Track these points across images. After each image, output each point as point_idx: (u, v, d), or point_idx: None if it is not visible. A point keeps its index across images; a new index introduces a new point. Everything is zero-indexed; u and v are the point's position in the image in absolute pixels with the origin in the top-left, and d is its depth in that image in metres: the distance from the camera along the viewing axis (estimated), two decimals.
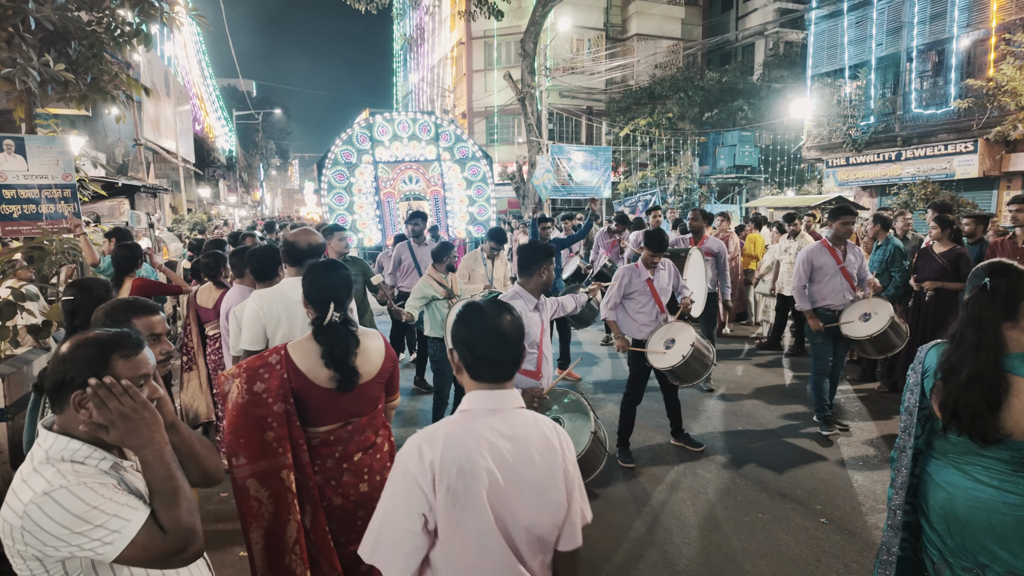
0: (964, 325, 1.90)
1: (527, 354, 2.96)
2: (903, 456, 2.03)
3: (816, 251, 5.02)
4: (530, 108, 20.49)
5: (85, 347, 1.39)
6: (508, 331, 1.46)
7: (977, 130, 13.11)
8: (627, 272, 4.60)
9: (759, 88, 23.56)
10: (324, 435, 2.09)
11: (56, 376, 1.37)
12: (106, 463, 1.39)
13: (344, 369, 2.04)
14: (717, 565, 3.30)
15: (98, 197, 7.93)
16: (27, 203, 5.78)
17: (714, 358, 4.42)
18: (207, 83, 29.42)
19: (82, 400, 1.36)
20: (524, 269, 3.15)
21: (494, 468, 1.36)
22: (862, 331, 4.80)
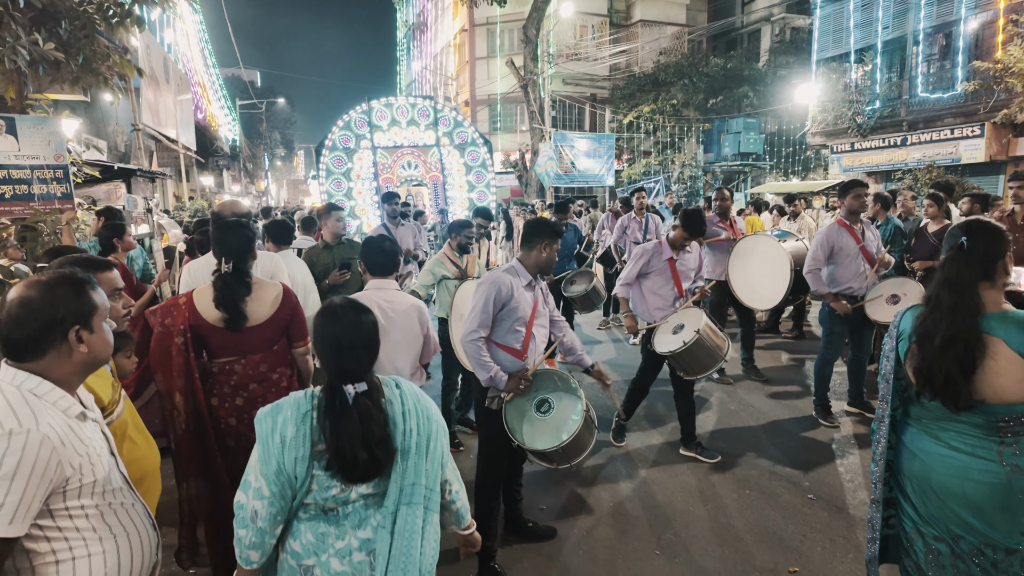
0: (940, 287, 1.83)
1: (513, 330, 2.88)
2: (881, 426, 1.96)
3: (834, 231, 4.63)
4: (533, 95, 20.36)
5: (63, 286, 1.40)
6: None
7: (984, 114, 12.91)
8: (647, 251, 4.27)
9: (764, 74, 23.30)
10: (221, 365, 2.51)
11: (39, 322, 1.36)
12: (75, 409, 1.41)
13: (230, 311, 2.41)
14: (701, 539, 3.27)
15: (94, 180, 7.92)
16: (19, 183, 5.77)
17: (727, 353, 3.98)
18: (210, 72, 29.36)
19: (80, 332, 1.40)
20: (525, 242, 3.00)
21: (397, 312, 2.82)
22: (891, 314, 4.35)
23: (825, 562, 3.05)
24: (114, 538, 1.41)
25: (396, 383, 1.72)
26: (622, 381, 5.92)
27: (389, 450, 1.60)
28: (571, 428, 2.78)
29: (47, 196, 5.98)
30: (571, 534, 3.36)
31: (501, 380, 2.83)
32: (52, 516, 1.32)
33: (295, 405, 1.60)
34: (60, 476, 1.31)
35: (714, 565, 3.05)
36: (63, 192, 6.03)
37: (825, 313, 4.75)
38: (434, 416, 1.73)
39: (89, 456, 1.37)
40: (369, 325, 1.67)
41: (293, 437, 1.54)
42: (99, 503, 1.40)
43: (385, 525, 1.58)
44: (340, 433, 1.54)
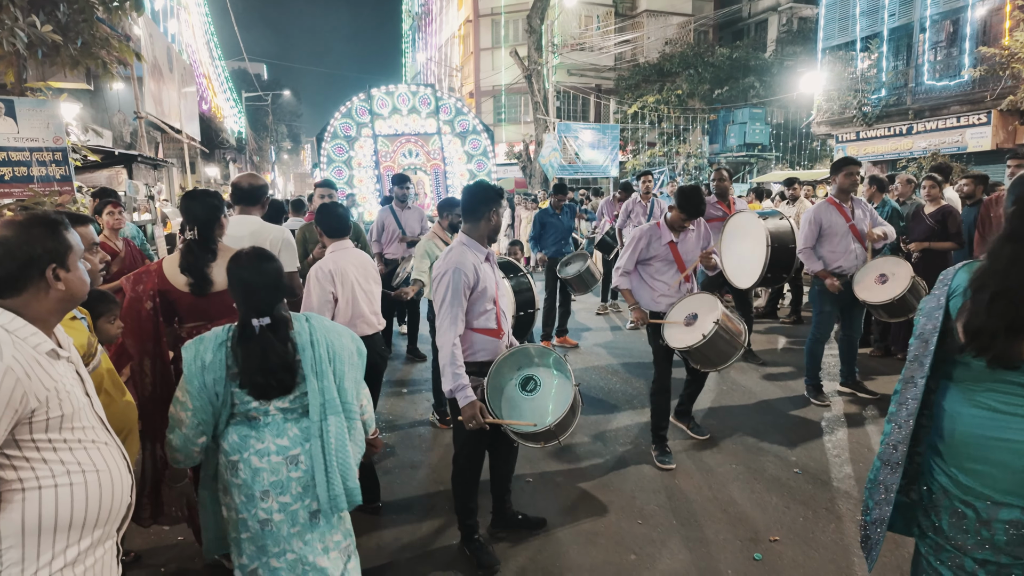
0: (1003, 241, 1.75)
1: (484, 312, 2.72)
2: (910, 388, 1.83)
3: (823, 209, 4.56)
4: (537, 86, 20.29)
5: (34, 227, 1.44)
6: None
7: (991, 101, 12.77)
8: (645, 233, 3.88)
9: (771, 65, 23.12)
10: (190, 330, 2.57)
11: (16, 260, 1.40)
12: (46, 346, 1.43)
13: (195, 275, 2.51)
14: (684, 510, 3.28)
15: (95, 166, 7.98)
16: (18, 165, 5.84)
17: (746, 338, 3.70)
18: (215, 64, 29.45)
19: (56, 271, 1.43)
20: (470, 213, 2.75)
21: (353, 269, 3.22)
22: (879, 295, 4.36)
23: (807, 531, 3.06)
24: (83, 473, 1.43)
25: (307, 318, 2.03)
26: (618, 364, 5.94)
27: (290, 373, 1.92)
28: (561, 407, 2.64)
29: (46, 179, 6.05)
30: (558, 516, 3.38)
31: (465, 399, 2.59)
32: (19, 446, 1.35)
33: (214, 337, 1.94)
34: (25, 407, 1.33)
35: (695, 534, 3.06)
36: (62, 175, 6.10)
37: (815, 292, 4.71)
38: (345, 346, 2.06)
39: (57, 391, 1.40)
40: (271, 271, 1.95)
41: (211, 362, 1.89)
42: (68, 438, 1.42)
43: (315, 433, 1.92)
44: (245, 358, 1.89)
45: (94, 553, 1.46)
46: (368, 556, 2.93)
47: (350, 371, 2.04)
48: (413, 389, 5.41)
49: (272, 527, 1.94)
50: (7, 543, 1.34)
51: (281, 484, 1.93)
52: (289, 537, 1.95)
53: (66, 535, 1.40)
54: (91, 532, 1.45)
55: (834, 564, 2.79)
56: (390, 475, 3.78)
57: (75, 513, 1.41)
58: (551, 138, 19.70)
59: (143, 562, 2.93)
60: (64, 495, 1.39)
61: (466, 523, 2.92)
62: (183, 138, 15.59)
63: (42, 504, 1.37)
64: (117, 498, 1.51)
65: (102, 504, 1.47)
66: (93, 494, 1.44)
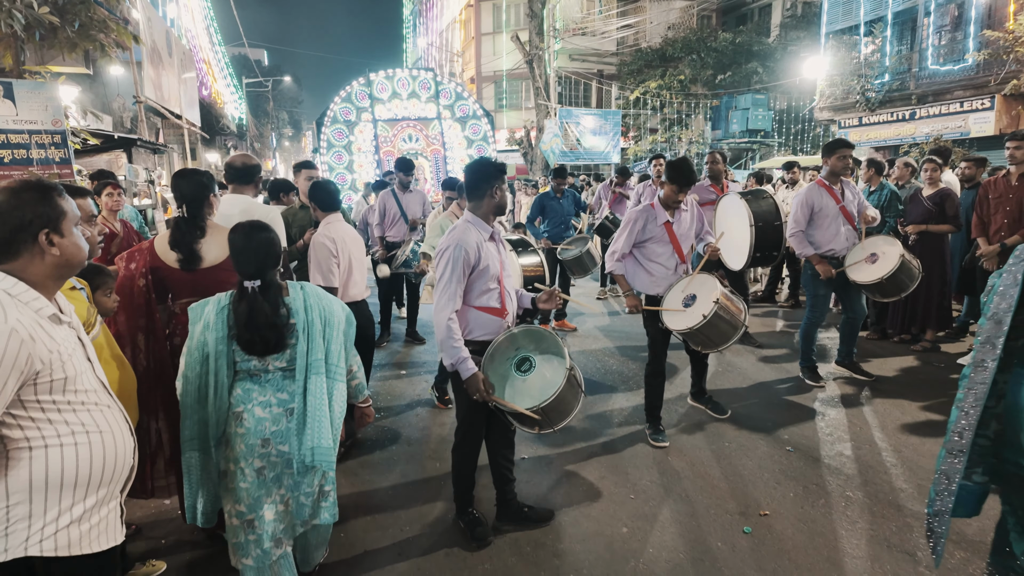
0: None
1: (488, 290, 2.70)
2: (979, 371, 1.74)
3: (813, 192, 4.52)
4: (538, 71, 20.16)
5: (25, 192, 1.46)
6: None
7: (995, 85, 12.66)
8: (640, 215, 3.82)
9: (775, 50, 22.90)
10: (182, 305, 2.63)
11: (8, 224, 1.42)
12: (48, 311, 1.46)
13: (183, 251, 2.58)
14: (677, 486, 3.33)
15: (95, 150, 7.99)
16: (18, 148, 5.86)
17: (746, 317, 3.61)
18: (215, 49, 29.28)
19: (50, 236, 1.46)
20: (474, 190, 2.69)
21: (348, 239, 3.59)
22: (870, 275, 4.36)
23: (797, 506, 3.10)
24: (87, 434, 1.48)
25: (301, 287, 2.24)
26: (615, 347, 5.97)
27: (276, 332, 2.10)
28: (553, 388, 2.58)
29: (46, 161, 6.07)
30: (551, 491, 3.43)
31: (467, 371, 2.58)
32: (24, 407, 1.39)
33: (217, 300, 2.17)
34: (30, 369, 1.37)
35: (687, 508, 3.11)
36: (61, 157, 6.12)
37: (808, 276, 4.69)
38: (335, 311, 2.27)
39: (60, 354, 1.44)
40: (263, 240, 2.14)
41: (213, 322, 2.11)
42: (71, 400, 1.46)
43: (299, 390, 2.14)
44: (237, 316, 2.09)
45: (99, 512, 1.51)
46: (365, 532, 2.99)
47: (338, 336, 2.24)
48: (412, 371, 5.45)
49: (267, 474, 2.16)
50: (15, 499, 1.39)
51: (281, 433, 2.16)
52: (283, 476, 2.19)
53: (72, 493, 1.45)
54: (95, 491, 1.50)
55: (822, 538, 2.84)
56: (387, 452, 3.83)
57: (80, 471, 1.45)
58: (552, 124, 19.61)
59: (144, 534, 2.98)
60: (69, 454, 1.44)
61: (463, 496, 2.95)
62: (183, 123, 15.56)
63: (48, 462, 1.42)
64: (120, 459, 1.56)
65: (105, 464, 1.51)
66: (97, 454, 1.49)
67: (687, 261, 3.92)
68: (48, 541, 1.40)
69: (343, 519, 3.05)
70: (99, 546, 1.50)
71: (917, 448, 3.69)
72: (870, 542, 2.79)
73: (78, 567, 1.47)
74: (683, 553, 2.75)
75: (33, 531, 1.39)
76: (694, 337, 3.59)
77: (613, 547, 2.80)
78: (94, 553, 1.49)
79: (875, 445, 3.75)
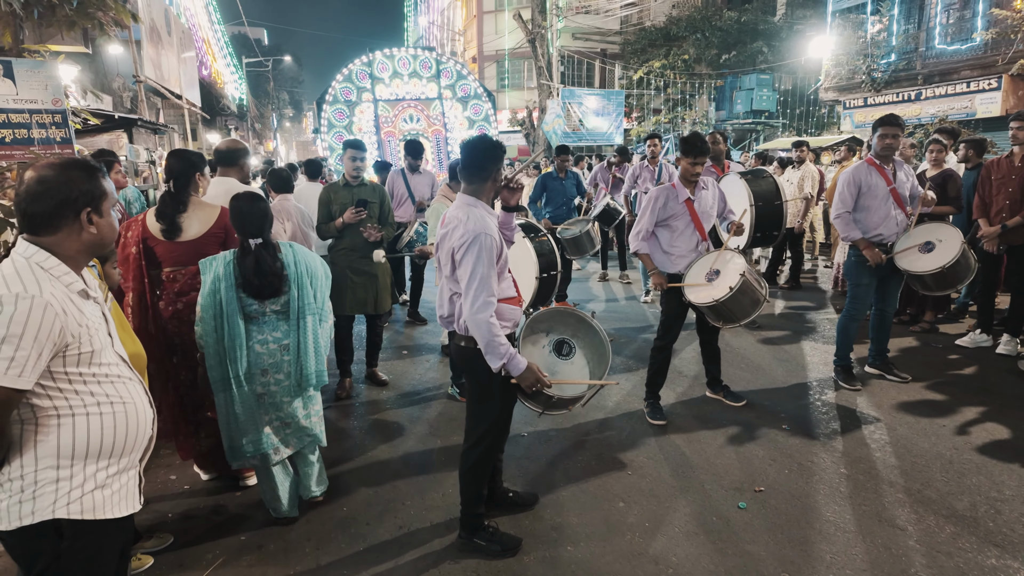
0: None
1: (505, 278, 2.55)
2: None
3: (862, 170, 4.13)
4: (541, 50, 19.96)
5: (76, 169, 1.51)
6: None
7: (1002, 66, 12.53)
8: (661, 192, 3.79)
9: (780, 29, 22.61)
10: (167, 273, 2.99)
11: (54, 199, 1.47)
12: (78, 286, 1.51)
13: (164, 222, 2.91)
14: (672, 463, 3.38)
15: (95, 130, 7.98)
16: (18, 127, 5.84)
17: (767, 293, 3.64)
18: (215, 28, 29.00)
19: (91, 215, 1.51)
20: (477, 170, 2.44)
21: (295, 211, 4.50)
22: (926, 264, 4.01)
23: (791, 483, 3.15)
24: (111, 404, 1.53)
25: (290, 246, 2.78)
26: (613, 329, 6.00)
27: (277, 278, 2.64)
28: (604, 363, 2.60)
29: (47, 141, 6.06)
30: (549, 467, 3.48)
31: (519, 367, 2.34)
32: (53, 378, 1.45)
33: (223, 256, 2.66)
34: (62, 340, 1.42)
35: (683, 483, 3.16)
36: (63, 137, 6.11)
37: (851, 263, 4.31)
38: (317, 266, 2.82)
39: (88, 328, 1.49)
40: (261, 206, 2.66)
41: (223, 273, 2.61)
42: (96, 372, 1.52)
43: (294, 327, 2.73)
44: (244, 267, 2.61)
45: (120, 479, 1.58)
46: (367, 511, 3.05)
47: (321, 286, 2.81)
48: (415, 352, 5.50)
49: (266, 400, 2.73)
50: (43, 463, 1.45)
51: (277, 365, 2.72)
52: (282, 403, 2.75)
53: (96, 460, 1.51)
54: (118, 459, 1.56)
55: (815, 513, 2.89)
56: (390, 430, 3.89)
57: (104, 440, 1.52)
58: (555, 104, 19.45)
59: (151, 507, 3.05)
60: (95, 423, 1.50)
61: (477, 513, 2.68)
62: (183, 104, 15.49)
63: (76, 430, 1.48)
64: (142, 429, 1.62)
65: (128, 433, 1.57)
66: (120, 424, 1.55)
67: (708, 239, 3.90)
68: (75, 504, 1.47)
69: (346, 493, 3.12)
70: (120, 511, 1.57)
71: (912, 426, 3.74)
72: (862, 517, 2.84)
73: (100, 531, 1.53)
74: (678, 527, 2.81)
75: (60, 495, 1.45)
76: (715, 311, 3.61)
77: (610, 521, 2.86)
78: (115, 518, 1.56)
79: (870, 424, 3.80)
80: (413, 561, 2.62)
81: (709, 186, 3.93)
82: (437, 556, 2.64)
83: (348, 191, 4.35)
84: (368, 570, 2.57)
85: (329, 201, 4.35)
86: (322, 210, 4.35)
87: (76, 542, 1.49)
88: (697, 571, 2.52)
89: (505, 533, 2.70)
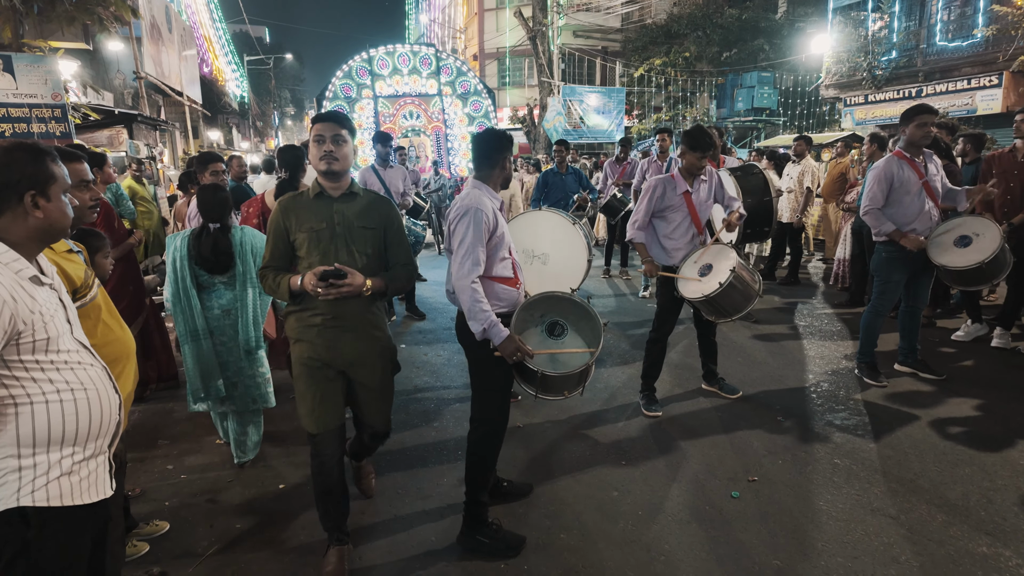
0: None
1: (502, 260, 2.57)
2: None
3: (892, 164, 3.99)
4: (542, 47, 19.94)
5: (18, 151, 1.48)
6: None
7: (1003, 62, 12.51)
8: (659, 183, 3.78)
9: (781, 26, 22.59)
10: None
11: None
12: (28, 272, 1.48)
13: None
14: (666, 453, 3.40)
15: (96, 125, 8.00)
16: (18, 122, 5.88)
17: (760, 288, 3.59)
18: (216, 26, 29.01)
19: (36, 198, 1.48)
20: (485, 159, 2.58)
21: None
22: (964, 259, 3.87)
23: (785, 473, 3.17)
24: (71, 391, 1.51)
25: (241, 229, 3.24)
26: (611, 323, 6.02)
27: (228, 257, 3.12)
28: (597, 342, 2.60)
29: (47, 135, 6.10)
30: (544, 457, 3.50)
31: (499, 334, 2.38)
32: (8, 367, 1.42)
33: (184, 234, 3.17)
34: (13, 328, 1.40)
35: (677, 474, 3.18)
36: (62, 131, 6.14)
37: (881, 260, 4.19)
38: (261, 245, 3.17)
39: (42, 315, 1.46)
40: (223, 197, 3.16)
41: (179, 246, 3.12)
42: (54, 359, 1.49)
43: (240, 297, 3.21)
44: (200, 245, 3.09)
45: (87, 466, 1.55)
46: (363, 501, 3.06)
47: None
48: (410, 343, 5.51)
49: (217, 358, 3.19)
50: (3, 452, 1.42)
51: (221, 328, 3.21)
52: (228, 363, 3.23)
53: (59, 447, 1.49)
54: (83, 446, 1.53)
55: (807, 502, 2.90)
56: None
57: (67, 427, 1.49)
58: (556, 102, 19.44)
59: (147, 496, 3.07)
60: (55, 410, 1.48)
61: (481, 502, 2.64)
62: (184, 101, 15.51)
63: (35, 418, 1.45)
64: (106, 414, 1.59)
65: (92, 419, 1.54)
66: (83, 410, 1.52)
67: (704, 232, 3.90)
68: (40, 492, 1.45)
69: None
70: (89, 498, 1.54)
71: (905, 420, 3.75)
72: (854, 506, 2.85)
73: (69, 518, 1.51)
74: (671, 516, 2.82)
75: (24, 483, 1.43)
76: (708, 306, 3.59)
77: (603, 509, 2.88)
78: (85, 504, 1.54)
79: (864, 416, 3.81)
80: (411, 554, 2.64)
81: (709, 177, 3.89)
82: (435, 550, 2.65)
83: (320, 207, 2.40)
84: (366, 561, 2.58)
85: (285, 229, 2.39)
86: (272, 243, 2.42)
87: (44, 529, 1.47)
88: (689, 559, 2.53)
89: (509, 531, 2.67)
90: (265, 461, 3.41)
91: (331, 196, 2.40)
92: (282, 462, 3.39)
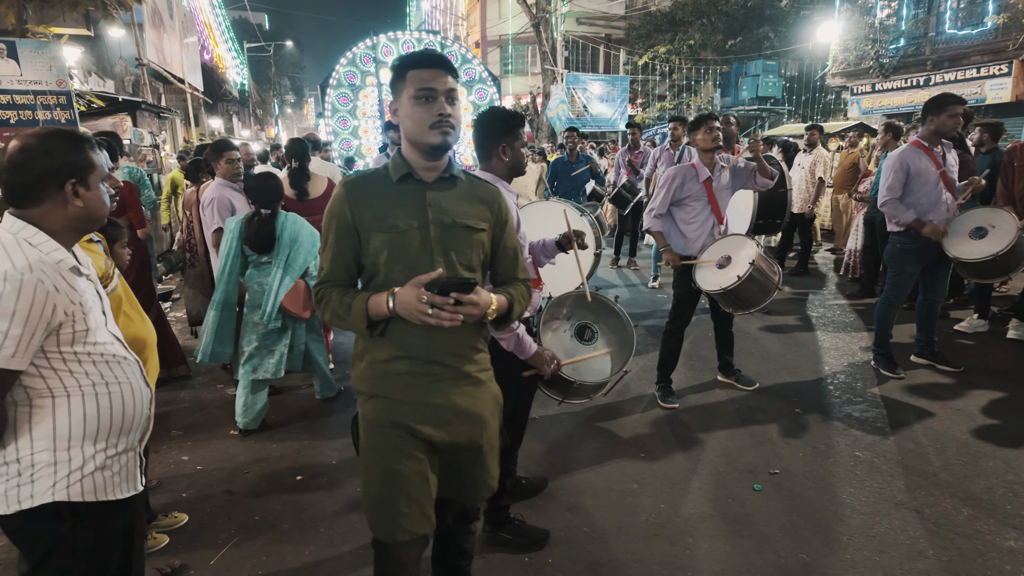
0: None
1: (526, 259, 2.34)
2: None
3: (910, 154, 3.91)
4: (545, 35, 19.76)
5: (59, 139, 1.44)
6: None
7: (1013, 50, 12.37)
8: (679, 172, 3.70)
9: (787, 14, 22.36)
10: None
11: (35, 169, 1.40)
12: (69, 262, 1.45)
13: (297, 188, 4.37)
14: (686, 445, 3.37)
15: (100, 112, 7.92)
16: (23, 109, 5.81)
17: (780, 280, 3.53)
18: (216, 12, 28.75)
19: (76, 187, 1.43)
20: (479, 148, 2.26)
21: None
22: (978, 251, 3.82)
23: (805, 465, 3.14)
24: (106, 384, 1.49)
25: (285, 215, 3.60)
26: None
27: (272, 240, 3.52)
28: (629, 348, 2.54)
29: (52, 123, 6.02)
30: (562, 448, 3.47)
31: (529, 348, 2.15)
32: (47, 358, 1.40)
33: (239, 217, 3.59)
34: (55, 319, 1.38)
35: (697, 466, 3.15)
36: (67, 119, 6.07)
37: (896, 251, 4.14)
38: (302, 232, 3.61)
39: (82, 306, 1.44)
40: (274, 184, 3.53)
41: (234, 228, 3.54)
42: (91, 351, 1.47)
43: (276, 277, 3.55)
44: (250, 228, 3.51)
45: (119, 460, 1.53)
46: None
47: (299, 248, 3.59)
48: None
49: (260, 329, 3.56)
50: (39, 446, 1.41)
51: (256, 302, 3.58)
52: (271, 332, 3.59)
53: (93, 442, 1.47)
54: (116, 440, 1.52)
55: (829, 495, 2.88)
56: None
57: (101, 421, 1.47)
58: (559, 90, 19.27)
59: (164, 487, 3.05)
60: (91, 404, 1.46)
61: (502, 503, 2.56)
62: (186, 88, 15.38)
63: (71, 412, 1.43)
64: (139, 409, 1.57)
65: (125, 414, 1.53)
66: (116, 404, 1.50)
67: (724, 222, 3.82)
68: (75, 487, 1.43)
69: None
70: (121, 493, 1.53)
71: (924, 412, 3.72)
72: (877, 500, 2.83)
73: (102, 513, 1.49)
74: (693, 508, 2.80)
75: (59, 478, 1.41)
76: (726, 298, 3.54)
77: (624, 502, 2.85)
78: (116, 500, 1.52)
79: (882, 409, 3.78)
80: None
81: (727, 163, 3.80)
82: None
83: (407, 196, 1.65)
84: None
85: (354, 227, 1.63)
86: (334, 246, 1.65)
87: (77, 525, 1.45)
88: (714, 552, 2.51)
89: (532, 526, 2.62)
90: (281, 452, 3.38)
91: (423, 180, 1.61)
92: (298, 454, 3.37)
